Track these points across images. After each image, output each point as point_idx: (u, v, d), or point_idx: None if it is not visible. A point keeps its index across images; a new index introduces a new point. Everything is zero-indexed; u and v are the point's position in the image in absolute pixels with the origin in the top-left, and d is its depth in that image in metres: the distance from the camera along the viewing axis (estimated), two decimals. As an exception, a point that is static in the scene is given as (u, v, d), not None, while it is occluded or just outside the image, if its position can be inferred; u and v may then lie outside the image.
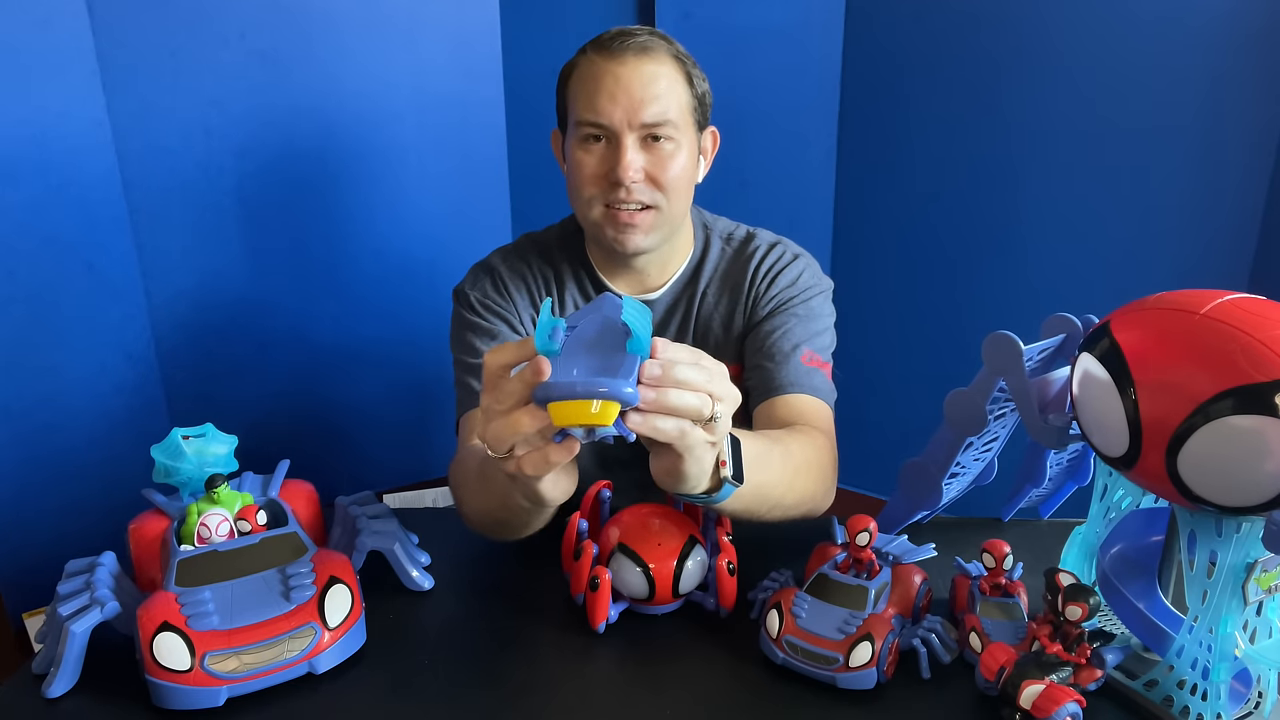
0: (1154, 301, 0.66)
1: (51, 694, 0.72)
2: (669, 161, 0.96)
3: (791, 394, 0.97)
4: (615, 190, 0.95)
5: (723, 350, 1.06)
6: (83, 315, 1.34)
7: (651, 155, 0.95)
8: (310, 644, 0.72)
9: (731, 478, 0.71)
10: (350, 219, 1.56)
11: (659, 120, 0.94)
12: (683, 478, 0.67)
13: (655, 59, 0.95)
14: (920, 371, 1.83)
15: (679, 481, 0.68)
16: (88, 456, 1.36)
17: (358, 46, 1.50)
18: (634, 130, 0.94)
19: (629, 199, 0.95)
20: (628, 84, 0.93)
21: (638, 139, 0.95)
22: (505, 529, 0.85)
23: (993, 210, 1.72)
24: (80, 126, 1.30)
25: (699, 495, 0.72)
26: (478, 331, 1.03)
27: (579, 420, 0.58)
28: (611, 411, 0.58)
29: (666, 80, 0.95)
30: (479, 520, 0.89)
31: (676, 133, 0.96)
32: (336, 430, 1.64)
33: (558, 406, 0.58)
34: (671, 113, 0.95)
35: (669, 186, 0.96)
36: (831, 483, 0.94)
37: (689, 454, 0.65)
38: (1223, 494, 0.61)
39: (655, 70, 0.95)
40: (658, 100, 0.94)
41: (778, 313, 1.03)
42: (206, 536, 0.79)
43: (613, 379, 0.58)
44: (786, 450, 0.85)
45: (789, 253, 1.08)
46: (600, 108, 0.94)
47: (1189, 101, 1.52)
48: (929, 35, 1.72)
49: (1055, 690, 0.64)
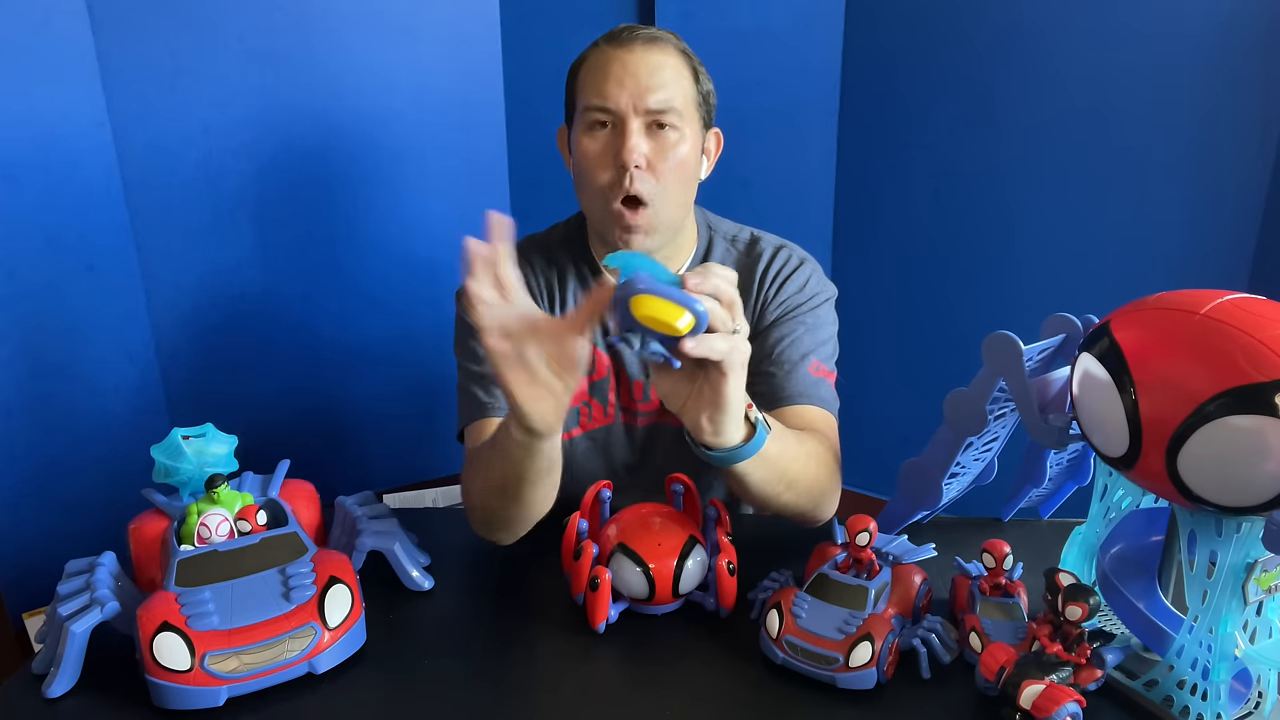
0: (1154, 301, 0.66)
1: (51, 694, 0.72)
2: (671, 150, 0.96)
3: (800, 405, 0.98)
4: (621, 177, 0.95)
5: None
6: (83, 315, 1.34)
7: (655, 142, 0.96)
8: (310, 644, 0.72)
9: (762, 418, 0.77)
10: (350, 219, 1.56)
11: (664, 106, 0.95)
12: (726, 407, 0.72)
13: (662, 49, 0.97)
14: (920, 371, 1.83)
15: (723, 414, 0.73)
16: (88, 456, 1.36)
17: (358, 46, 1.50)
18: (639, 115, 0.95)
19: (630, 187, 0.96)
20: (635, 69, 0.95)
21: (642, 124, 0.95)
22: (509, 500, 0.85)
23: (993, 210, 1.72)
24: (80, 126, 1.29)
25: (735, 448, 0.76)
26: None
27: (662, 316, 0.65)
28: (688, 321, 0.65)
29: (672, 70, 0.97)
30: (484, 500, 0.89)
31: (681, 122, 0.97)
32: (337, 430, 1.64)
33: (646, 300, 0.65)
34: (676, 101, 0.96)
35: (668, 177, 0.96)
36: (836, 484, 0.94)
37: (733, 373, 0.71)
38: (1223, 494, 0.61)
39: (662, 59, 0.96)
40: (664, 87, 0.95)
41: (785, 320, 1.04)
42: (206, 536, 0.79)
43: (692, 298, 0.66)
44: (799, 435, 0.88)
45: (795, 257, 1.08)
46: (607, 92, 0.95)
47: (1189, 101, 1.52)
48: (929, 35, 1.72)
49: (1055, 690, 0.64)
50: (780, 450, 0.81)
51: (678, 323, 0.65)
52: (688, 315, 0.65)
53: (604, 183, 0.97)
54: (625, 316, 0.66)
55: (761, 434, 0.77)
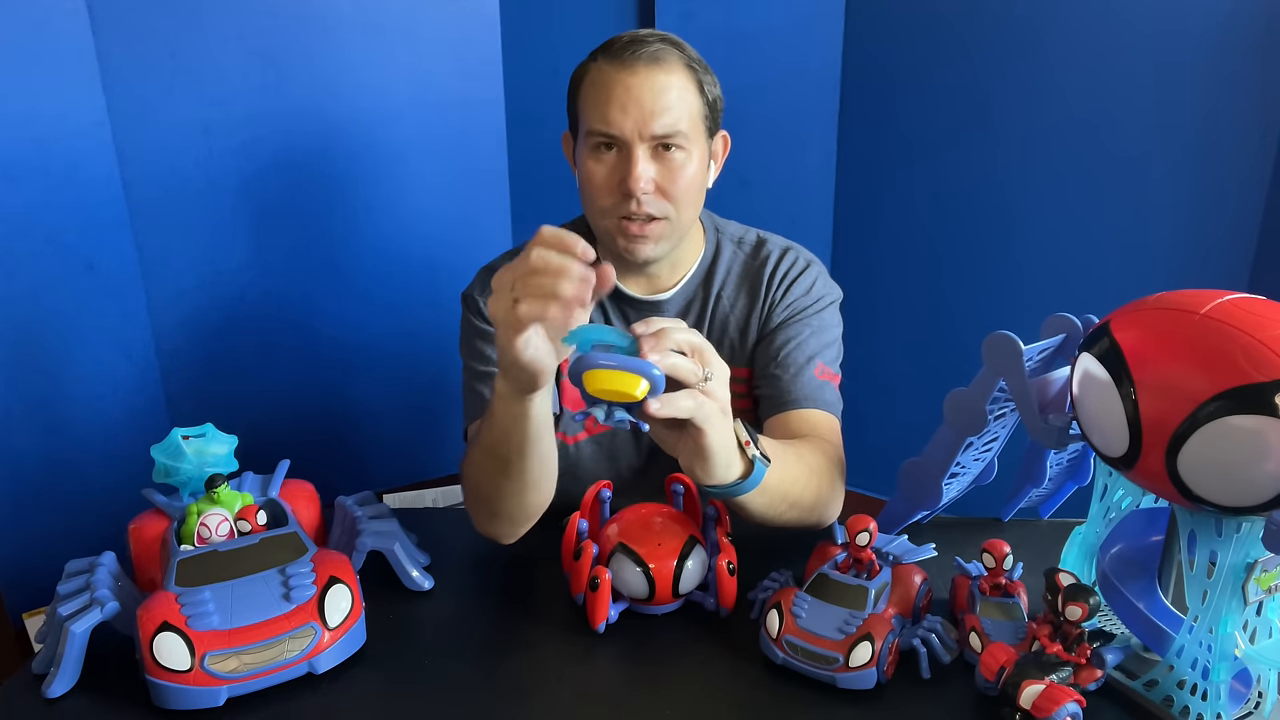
0: (1154, 301, 0.66)
1: (51, 694, 0.72)
2: (679, 172, 0.95)
3: (805, 409, 0.99)
4: (626, 201, 0.95)
5: (736, 354, 1.06)
6: (83, 315, 1.34)
7: (662, 165, 0.95)
8: (310, 644, 0.72)
9: (760, 455, 0.76)
10: (350, 219, 1.56)
11: (670, 131, 0.93)
12: (710, 456, 0.72)
13: (666, 68, 0.94)
14: (920, 371, 1.83)
15: (709, 462, 0.72)
16: (88, 456, 1.37)
17: (358, 47, 1.50)
18: (644, 141, 0.93)
19: (639, 210, 0.95)
20: (639, 95, 0.92)
21: (648, 149, 0.94)
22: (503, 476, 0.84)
23: (993, 210, 1.72)
24: (80, 126, 1.30)
25: (733, 484, 0.76)
26: (487, 339, 1.03)
27: (617, 387, 0.65)
28: (644, 388, 0.65)
29: (678, 90, 0.94)
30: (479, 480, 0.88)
31: (687, 142, 0.95)
32: (337, 430, 1.64)
33: (597, 374, 0.65)
34: (683, 123, 0.94)
35: (679, 197, 0.96)
36: (839, 492, 0.94)
37: (708, 426, 0.70)
38: (1223, 494, 0.61)
39: (667, 80, 0.93)
40: (669, 111, 0.93)
41: (791, 322, 1.04)
42: (206, 536, 0.79)
43: (644, 363, 0.65)
44: (799, 453, 0.88)
45: (802, 260, 1.08)
46: (611, 119, 0.93)
47: (1189, 102, 1.52)
48: (929, 35, 1.72)
49: (1055, 690, 0.64)
50: (781, 477, 0.81)
51: (635, 391, 0.65)
52: (643, 382, 0.65)
53: (609, 205, 0.96)
54: (584, 392, 0.67)
55: (760, 470, 0.77)
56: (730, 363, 0.75)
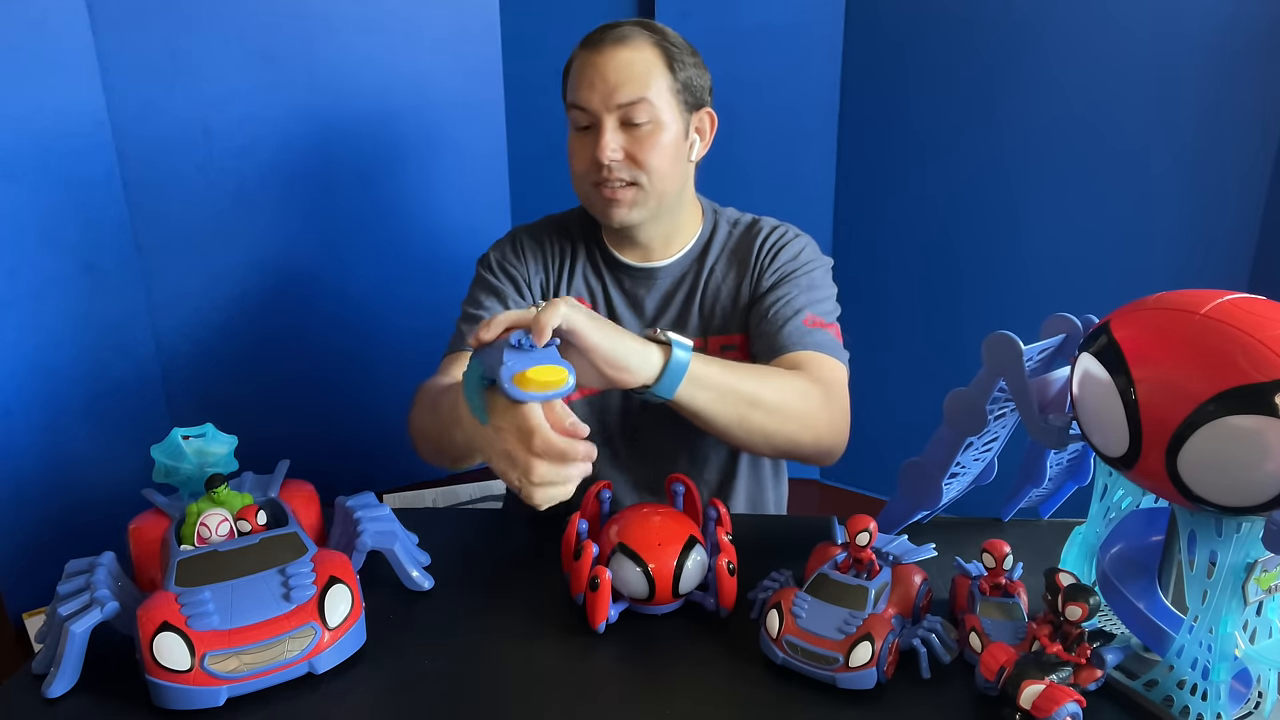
0: (1154, 301, 0.66)
1: (51, 694, 0.72)
2: (647, 140, 1.02)
3: (791, 353, 1.01)
4: (599, 169, 1.02)
5: (730, 320, 1.11)
6: (83, 315, 1.34)
7: (630, 136, 1.02)
8: (310, 644, 0.72)
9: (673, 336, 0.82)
10: (350, 219, 1.56)
11: (632, 100, 1.01)
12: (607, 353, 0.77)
13: (631, 46, 1.02)
14: (920, 371, 1.83)
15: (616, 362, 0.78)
16: (87, 456, 1.36)
17: (358, 47, 1.50)
18: (611, 113, 1.01)
19: (611, 177, 1.03)
20: (603, 70, 1.01)
21: (616, 121, 1.02)
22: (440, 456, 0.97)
23: (993, 209, 1.72)
24: (80, 125, 1.30)
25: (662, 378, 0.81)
26: (486, 288, 1.12)
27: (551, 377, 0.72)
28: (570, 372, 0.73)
29: (642, 64, 1.02)
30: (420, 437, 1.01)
31: (654, 113, 1.02)
32: (336, 430, 1.64)
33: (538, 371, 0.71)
34: (648, 93, 1.01)
35: (649, 164, 1.03)
36: (833, 421, 0.97)
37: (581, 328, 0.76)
38: (1223, 494, 0.61)
39: (630, 56, 1.01)
40: (631, 84, 1.01)
41: (781, 283, 1.08)
42: (206, 536, 0.78)
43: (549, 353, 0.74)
44: (760, 367, 0.95)
45: (791, 232, 1.15)
46: (581, 95, 1.02)
47: (1189, 101, 1.52)
48: (929, 34, 1.72)
49: (1055, 690, 0.64)
50: (718, 371, 0.86)
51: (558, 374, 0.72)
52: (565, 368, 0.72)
53: (583, 173, 1.05)
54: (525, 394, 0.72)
55: (680, 353, 0.82)
56: (724, 330, 0.90)
